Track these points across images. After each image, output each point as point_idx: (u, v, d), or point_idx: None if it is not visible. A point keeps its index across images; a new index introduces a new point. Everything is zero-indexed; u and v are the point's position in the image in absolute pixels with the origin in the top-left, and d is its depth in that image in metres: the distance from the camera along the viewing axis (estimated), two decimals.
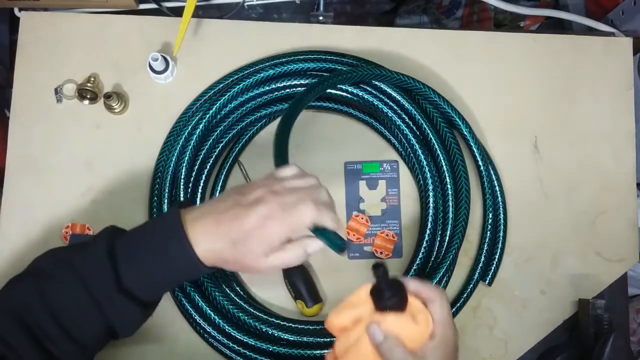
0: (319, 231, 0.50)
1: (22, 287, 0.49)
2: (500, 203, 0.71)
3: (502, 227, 0.71)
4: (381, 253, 0.71)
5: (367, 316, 0.46)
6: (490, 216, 0.71)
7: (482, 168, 0.71)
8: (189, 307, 0.65)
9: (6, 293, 0.50)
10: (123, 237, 0.52)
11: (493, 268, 0.70)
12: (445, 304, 0.49)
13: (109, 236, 0.51)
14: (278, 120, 0.61)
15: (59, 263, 0.50)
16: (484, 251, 0.70)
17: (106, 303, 0.49)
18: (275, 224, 0.49)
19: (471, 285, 0.70)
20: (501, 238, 0.71)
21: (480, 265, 0.70)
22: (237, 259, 0.50)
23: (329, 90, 0.70)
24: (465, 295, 0.69)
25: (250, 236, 0.49)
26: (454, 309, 0.69)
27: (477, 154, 0.71)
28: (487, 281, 0.70)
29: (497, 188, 0.72)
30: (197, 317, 0.65)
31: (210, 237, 0.50)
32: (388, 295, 0.45)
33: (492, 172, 0.72)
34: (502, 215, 0.71)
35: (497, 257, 0.70)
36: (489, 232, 0.71)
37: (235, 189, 0.53)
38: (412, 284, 0.48)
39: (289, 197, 0.50)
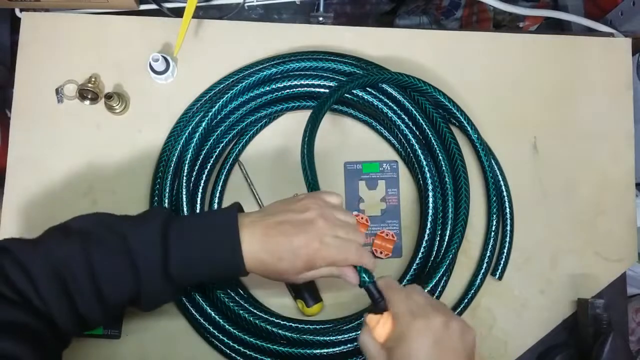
0: (360, 269, 0.54)
1: (67, 242, 0.49)
2: (505, 195, 0.72)
3: (508, 220, 0.71)
4: (381, 253, 0.71)
5: None
6: (496, 211, 0.71)
7: (485, 162, 0.71)
8: (189, 306, 0.65)
9: (48, 243, 0.50)
10: (177, 222, 0.53)
11: (503, 261, 0.71)
12: (403, 299, 0.50)
13: (164, 218, 0.52)
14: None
15: (112, 232, 0.51)
16: (490, 245, 0.70)
17: (147, 282, 0.50)
18: (323, 250, 0.51)
19: (476, 285, 0.70)
20: (509, 232, 0.71)
21: (486, 260, 0.70)
22: (278, 272, 0.52)
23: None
24: (470, 294, 0.70)
25: (297, 255, 0.51)
26: (459, 308, 0.69)
27: (479, 149, 0.71)
28: (497, 275, 0.70)
29: (500, 179, 0.72)
30: (197, 316, 0.65)
31: (257, 248, 0.51)
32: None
33: (494, 164, 0.73)
34: (508, 210, 0.72)
35: (505, 249, 0.71)
36: (494, 227, 0.71)
37: (285, 202, 0.55)
38: (380, 283, 0.53)
39: (339, 230, 0.53)
